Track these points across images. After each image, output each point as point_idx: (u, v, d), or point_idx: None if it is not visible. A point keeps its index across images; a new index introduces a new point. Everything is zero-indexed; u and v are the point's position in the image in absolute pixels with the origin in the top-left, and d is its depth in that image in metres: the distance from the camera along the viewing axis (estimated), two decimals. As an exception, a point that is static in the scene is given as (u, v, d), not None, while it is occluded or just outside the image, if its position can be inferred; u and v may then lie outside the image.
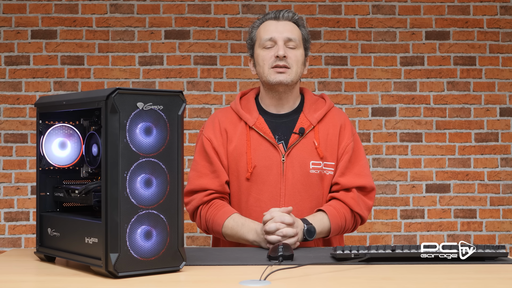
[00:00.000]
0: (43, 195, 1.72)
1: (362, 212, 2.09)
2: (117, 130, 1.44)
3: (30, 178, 3.42)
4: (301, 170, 2.06)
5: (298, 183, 2.06)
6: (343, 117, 2.17)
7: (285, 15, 2.12)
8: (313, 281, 1.43)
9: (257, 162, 2.07)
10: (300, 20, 2.15)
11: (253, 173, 2.06)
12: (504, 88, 3.52)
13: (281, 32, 2.09)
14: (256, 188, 2.06)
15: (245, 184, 2.08)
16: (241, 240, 2.00)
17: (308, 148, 2.08)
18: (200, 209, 2.09)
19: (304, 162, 2.06)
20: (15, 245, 3.40)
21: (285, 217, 1.88)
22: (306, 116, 2.11)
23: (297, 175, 2.06)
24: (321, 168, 2.08)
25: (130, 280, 1.42)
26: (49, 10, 3.44)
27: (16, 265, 1.65)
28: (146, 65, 3.46)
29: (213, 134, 2.12)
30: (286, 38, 2.09)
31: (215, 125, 2.14)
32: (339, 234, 2.09)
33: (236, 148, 2.09)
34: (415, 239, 3.48)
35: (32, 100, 3.42)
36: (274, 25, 2.11)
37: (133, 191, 1.45)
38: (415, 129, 3.50)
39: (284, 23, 2.11)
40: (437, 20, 3.52)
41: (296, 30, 2.13)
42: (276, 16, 2.12)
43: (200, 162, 2.12)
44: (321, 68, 3.49)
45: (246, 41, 2.21)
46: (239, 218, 2.02)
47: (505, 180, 3.51)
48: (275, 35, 2.09)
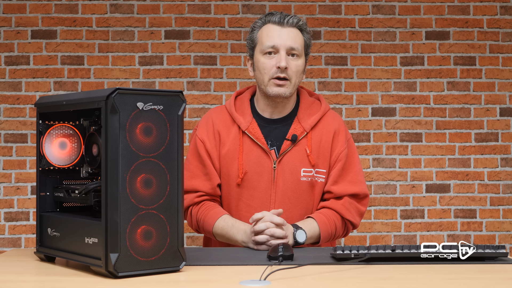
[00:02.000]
0: (43, 195, 1.72)
1: (353, 218, 2.07)
2: (117, 130, 1.44)
3: (30, 178, 3.42)
4: (292, 177, 2.05)
5: (289, 190, 2.05)
6: (337, 122, 2.13)
7: (290, 21, 2.04)
8: (313, 281, 1.43)
9: (248, 168, 2.05)
10: (304, 25, 2.08)
11: (244, 179, 2.05)
12: (504, 88, 3.52)
13: (285, 40, 2.03)
14: (246, 193, 2.06)
15: (235, 189, 2.07)
16: (231, 241, 2.01)
17: (300, 156, 2.06)
18: (191, 209, 2.10)
19: (295, 169, 2.05)
20: (15, 245, 3.40)
21: (274, 217, 1.89)
22: (300, 121, 2.08)
23: (287, 182, 2.05)
24: (312, 176, 2.06)
25: (130, 280, 1.42)
26: (49, 10, 3.44)
27: (16, 265, 1.65)
28: (146, 65, 3.45)
29: (206, 136, 2.10)
30: (289, 47, 2.03)
31: (209, 126, 2.11)
32: (329, 241, 2.08)
33: (228, 152, 2.07)
34: (415, 239, 3.48)
35: (32, 100, 3.42)
36: (278, 32, 2.04)
37: (133, 191, 1.45)
38: (415, 129, 3.50)
39: (288, 30, 2.04)
40: (437, 20, 3.52)
41: (299, 37, 2.06)
42: (280, 21, 2.04)
43: (193, 162, 2.11)
44: (321, 68, 3.49)
45: (246, 40, 2.14)
46: (229, 219, 2.02)
47: (505, 180, 3.51)
48: (278, 42, 2.03)
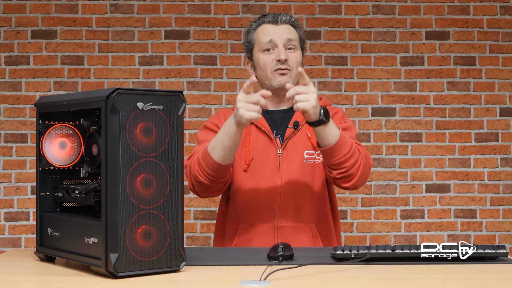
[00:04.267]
0: (43, 195, 1.72)
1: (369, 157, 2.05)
2: (117, 130, 1.43)
3: (30, 178, 3.42)
4: (296, 160, 2.11)
5: (293, 173, 2.10)
6: (336, 109, 2.21)
7: (283, 18, 2.15)
8: (313, 281, 1.43)
9: (255, 155, 2.12)
10: (296, 22, 2.20)
11: (250, 165, 2.11)
12: (504, 88, 3.52)
13: (281, 34, 2.12)
14: (252, 179, 2.11)
15: (242, 175, 2.12)
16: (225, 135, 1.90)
17: (302, 140, 2.13)
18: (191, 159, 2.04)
19: (299, 153, 2.11)
20: (15, 245, 3.40)
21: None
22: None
23: (292, 166, 2.10)
24: (314, 158, 2.12)
25: (130, 280, 1.42)
26: (49, 10, 3.44)
27: (16, 265, 1.65)
28: (146, 65, 3.45)
29: (218, 120, 2.17)
30: (286, 39, 2.12)
31: (220, 115, 2.20)
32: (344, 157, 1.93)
33: None
34: (415, 239, 3.48)
35: (32, 100, 3.42)
36: (273, 29, 2.14)
37: (133, 191, 1.45)
38: (415, 129, 3.50)
39: (282, 27, 2.14)
40: (437, 20, 3.52)
41: (294, 31, 2.17)
42: (274, 20, 2.15)
43: (206, 137, 2.09)
44: (321, 68, 3.49)
45: (243, 43, 2.24)
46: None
47: (505, 180, 3.51)
48: (274, 37, 2.11)
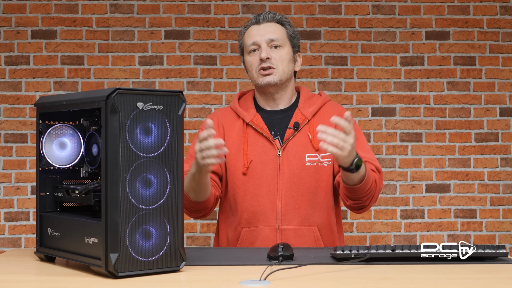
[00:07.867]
0: (43, 195, 1.72)
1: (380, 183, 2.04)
2: (117, 130, 1.44)
3: (30, 178, 3.42)
4: (297, 163, 2.08)
5: (295, 176, 2.07)
6: (339, 109, 2.18)
7: (265, 17, 2.16)
8: (313, 281, 1.43)
9: (254, 157, 2.09)
10: (284, 18, 2.19)
11: (249, 168, 2.08)
12: (504, 88, 3.52)
13: (262, 34, 2.13)
14: (252, 182, 2.08)
15: (241, 178, 2.09)
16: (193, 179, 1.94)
17: (303, 142, 2.10)
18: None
19: (300, 155, 2.09)
20: (15, 245, 3.40)
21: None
22: (301, 111, 2.14)
23: (293, 169, 2.08)
24: (317, 160, 2.09)
25: (130, 280, 1.42)
26: (49, 10, 3.44)
27: (16, 265, 1.65)
28: (146, 65, 3.45)
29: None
30: (268, 40, 2.13)
31: (214, 120, 2.17)
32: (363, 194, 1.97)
33: (233, 144, 2.12)
34: (415, 239, 3.48)
35: (32, 100, 3.42)
36: (256, 29, 2.15)
37: (133, 191, 1.45)
38: (415, 129, 3.50)
39: (265, 26, 2.15)
40: (437, 20, 3.52)
41: (279, 29, 2.15)
42: (257, 20, 2.17)
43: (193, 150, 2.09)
44: (321, 68, 3.49)
45: (238, 48, 2.26)
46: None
47: (505, 180, 3.51)
48: (257, 38, 2.13)
